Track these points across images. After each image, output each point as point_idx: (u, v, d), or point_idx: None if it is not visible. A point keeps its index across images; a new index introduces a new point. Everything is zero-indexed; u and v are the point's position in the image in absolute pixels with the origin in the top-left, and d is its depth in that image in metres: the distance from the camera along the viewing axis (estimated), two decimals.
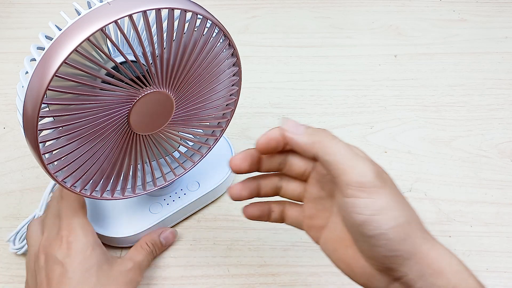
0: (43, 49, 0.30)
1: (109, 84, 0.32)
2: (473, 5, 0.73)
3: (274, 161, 0.32)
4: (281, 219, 0.35)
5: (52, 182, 0.43)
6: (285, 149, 0.32)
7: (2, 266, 0.44)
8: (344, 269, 0.31)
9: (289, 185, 0.33)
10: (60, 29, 0.29)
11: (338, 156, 0.27)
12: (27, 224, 0.44)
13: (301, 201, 0.34)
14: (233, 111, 0.42)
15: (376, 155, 0.53)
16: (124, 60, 0.32)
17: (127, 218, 0.44)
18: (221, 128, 0.43)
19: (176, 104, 0.36)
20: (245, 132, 0.55)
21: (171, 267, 0.44)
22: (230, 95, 0.41)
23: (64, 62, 0.28)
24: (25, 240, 0.43)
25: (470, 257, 0.45)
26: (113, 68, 0.33)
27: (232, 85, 0.40)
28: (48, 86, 0.28)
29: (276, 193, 0.34)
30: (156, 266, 0.44)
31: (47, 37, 0.32)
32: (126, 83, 0.32)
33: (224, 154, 0.49)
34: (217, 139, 0.43)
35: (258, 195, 0.34)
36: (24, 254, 0.44)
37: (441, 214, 0.48)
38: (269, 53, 0.65)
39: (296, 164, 0.32)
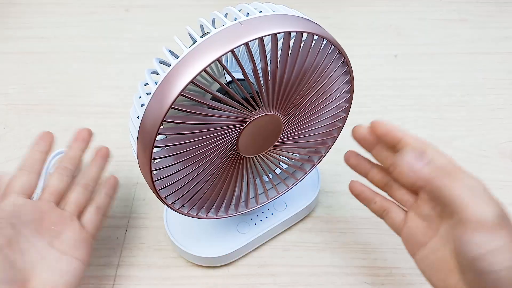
0: (165, 63, 0.30)
1: (222, 103, 0.30)
2: (473, 5, 0.73)
3: (385, 159, 0.34)
4: (380, 215, 0.35)
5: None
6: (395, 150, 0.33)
7: None
8: None
9: (399, 190, 0.34)
10: (187, 47, 0.28)
11: (459, 194, 0.28)
12: None
13: (406, 208, 0.34)
14: (341, 127, 0.40)
15: None
16: (235, 81, 0.30)
17: (216, 238, 0.43)
18: (327, 145, 0.40)
19: (284, 126, 0.35)
20: None
21: (171, 267, 0.44)
22: (340, 111, 0.39)
23: (191, 81, 0.27)
24: None
25: None
26: (225, 90, 0.31)
27: (344, 101, 0.38)
28: (172, 104, 0.27)
29: (383, 187, 0.35)
30: (156, 266, 0.44)
31: (171, 52, 0.31)
32: (239, 103, 0.31)
33: (309, 178, 0.46)
34: (322, 156, 0.41)
35: (365, 175, 0.36)
36: None
37: None
38: None
39: (406, 175, 0.32)
